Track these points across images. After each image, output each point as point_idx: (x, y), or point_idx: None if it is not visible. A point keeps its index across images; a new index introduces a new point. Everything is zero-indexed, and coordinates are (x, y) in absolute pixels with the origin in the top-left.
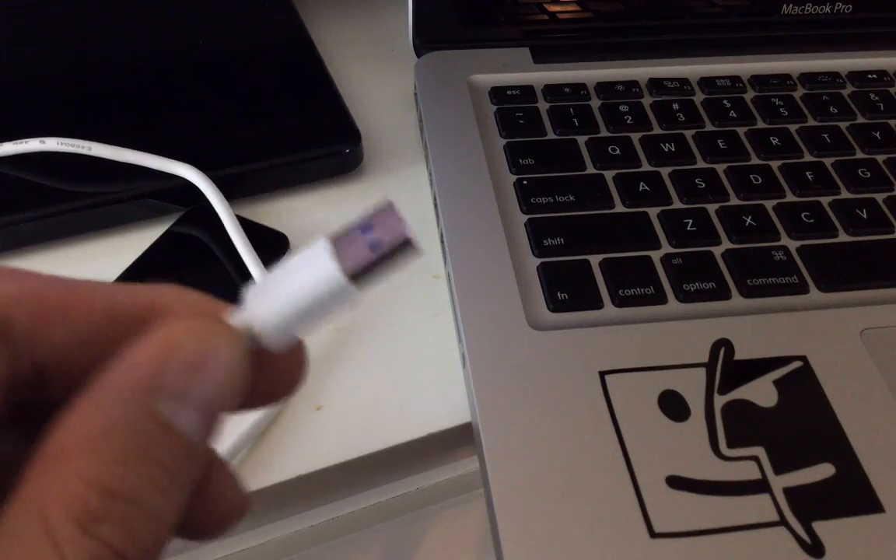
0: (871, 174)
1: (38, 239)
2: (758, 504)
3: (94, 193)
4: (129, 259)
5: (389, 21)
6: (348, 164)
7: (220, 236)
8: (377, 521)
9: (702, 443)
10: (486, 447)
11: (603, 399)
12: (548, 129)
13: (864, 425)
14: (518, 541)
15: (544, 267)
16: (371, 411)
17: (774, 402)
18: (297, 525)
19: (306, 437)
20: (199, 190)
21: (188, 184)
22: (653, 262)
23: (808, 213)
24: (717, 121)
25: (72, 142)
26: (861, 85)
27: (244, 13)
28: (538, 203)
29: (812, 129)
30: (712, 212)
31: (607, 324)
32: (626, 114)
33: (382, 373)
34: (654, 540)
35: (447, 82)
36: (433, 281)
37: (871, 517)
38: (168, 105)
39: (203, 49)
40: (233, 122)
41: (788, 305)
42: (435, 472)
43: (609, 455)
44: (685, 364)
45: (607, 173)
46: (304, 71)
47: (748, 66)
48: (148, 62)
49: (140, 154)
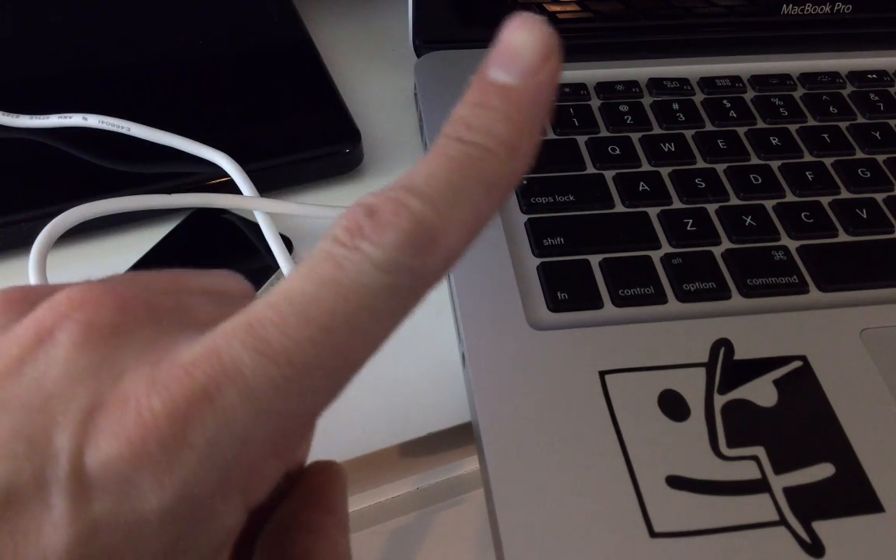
0: (871, 174)
1: None
2: (758, 504)
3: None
4: (131, 259)
5: (389, 21)
6: (348, 164)
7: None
8: (377, 521)
9: (702, 443)
10: (486, 447)
11: (603, 399)
12: (548, 129)
13: (864, 425)
14: (518, 541)
15: (544, 267)
16: (371, 411)
17: (774, 402)
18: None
19: None
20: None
21: (216, 173)
22: (653, 262)
23: (808, 213)
24: (717, 121)
25: (112, 121)
26: (861, 85)
27: (244, 13)
28: (538, 203)
29: (812, 129)
30: (712, 212)
31: (607, 324)
32: (626, 114)
33: (382, 373)
34: (654, 540)
35: (447, 82)
36: None
37: (871, 517)
38: (167, 105)
39: (202, 49)
40: (233, 121)
41: (788, 305)
42: (435, 472)
43: (609, 455)
44: (685, 364)
45: (607, 173)
46: (304, 71)
47: (748, 66)
48: (147, 62)
49: (177, 138)
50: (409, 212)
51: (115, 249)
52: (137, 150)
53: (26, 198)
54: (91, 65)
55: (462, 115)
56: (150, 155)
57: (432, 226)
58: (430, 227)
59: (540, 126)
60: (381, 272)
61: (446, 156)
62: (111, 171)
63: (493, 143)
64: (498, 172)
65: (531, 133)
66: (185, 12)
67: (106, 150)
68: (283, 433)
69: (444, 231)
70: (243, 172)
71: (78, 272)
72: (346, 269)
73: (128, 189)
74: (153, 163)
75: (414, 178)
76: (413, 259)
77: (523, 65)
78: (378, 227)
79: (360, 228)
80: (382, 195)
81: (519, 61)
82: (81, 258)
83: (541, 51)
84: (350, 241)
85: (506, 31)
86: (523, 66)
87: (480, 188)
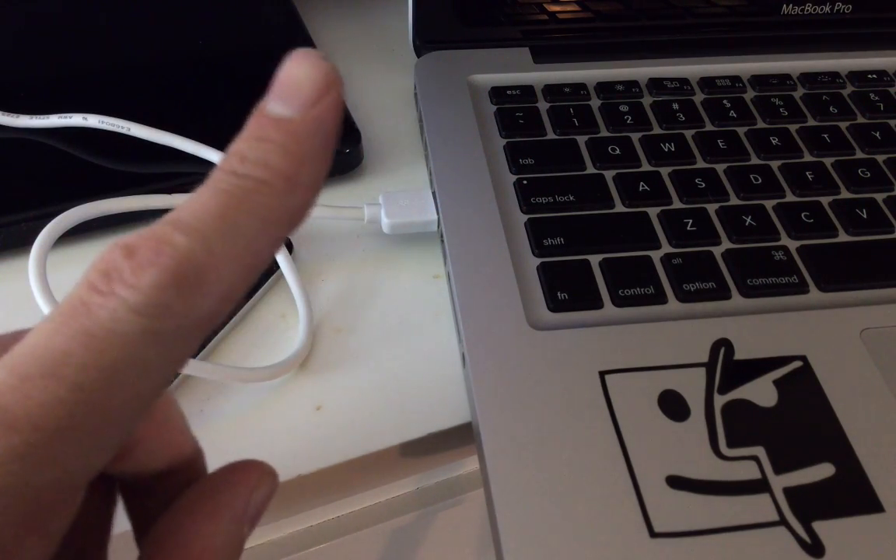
0: (871, 174)
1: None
2: (758, 504)
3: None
4: None
5: (389, 21)
6: (348, 164)
7: None
8: (377, 521)
9: (702, 443)
10: (486, 447)
11: (603, 399)
12: (548, 129)
13: (864, 425)
14: (518, 541)
15: (544, 267)
16: (371, 411)
17: (774, 402)
18: (297, 525)
19: (306, 437)
20: None
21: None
22: (653, 262)
23: (808, 213)
24: (717, 121)
25: (112, 121)
26: (861, 85)
27: (244, 13)
28: (538, 203)
29: (812, 129)
30: (712, 212)
31: (607, 324)
32: (626, 114)
33: (382, 373)
34: (654, 540)
35: (447, 82)
36: (433, 281)
37: (871, 517)
38: (167, 105)
39: (201, 49)
40: (233, 122)
41: (788, 305)
42: (435, 472)
43: (609, 455)
44: (685, 364)
45: (607, 173)
46: None
47: (748, 66)
48: (147, 62)
49: (177, 138)
50: (173, 248)
51: None
52: (137, 150)
53: (26, 198)
54: (91, 65)
55: (237, 149)
56: (150, 155)
57: (199, 262)
58: (197, 263)
59: (322, 159)
60: (140, 317)
61: (217, 190)
62: (111, 171)
63: (269, 174)
64: (275, 206)
65: (312, 164)
66: (184, 12)
67: (106, 150)
68: (38, 507)
69: (214, 267)
70: None
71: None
72: (100, 316)
73: (128, 189)
74: (153, 163)
75: (180, 213)
76: (177, 300)
77: (301, 97)
78: (137, 268)
79: (117, 270)
80: (143, 234)
81: (297, 94)
82: (81, 258)
83: (320, 83)
84: (105, 286)
85: (284, 66)
86: (301, 98)
87: (256, 222)
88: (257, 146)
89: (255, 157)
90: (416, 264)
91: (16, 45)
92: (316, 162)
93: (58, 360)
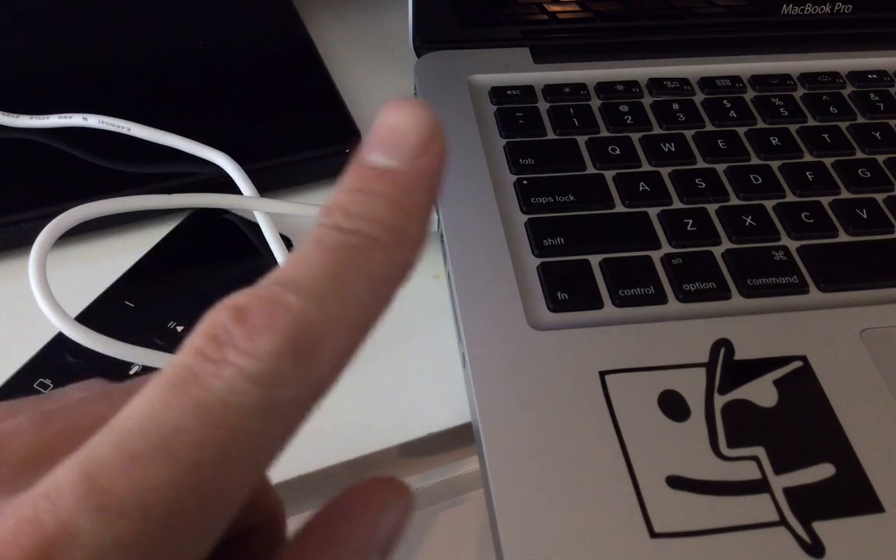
0: (871, 174)
1: None
2: (758, 504)
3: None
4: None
5: (389, 21)
6: (348, 164)
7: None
8: None
9: (702, 443)
10: (486, 447)
11: (603, 399)
12: (548, 129)
13: (864, 425)
14: (518, 541)
15: (544, 267)
16: (371, 411)
17: (774, 402)
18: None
19: (306, 437)
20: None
21: (216, 173)
22: (653, 262)
23: (808, 213)
24: (717, 121)
25: (112, 121)
26: (861, 85)
27: (244, 13)
28: (538, 203)
29: (812, 129)
30: (712, 212)
31: (607, 324)
32: (626, 114)
33: (382, 373)
34: (654, 540)
35: (447, 82)
36: (433, 281)
37: (871, 517)
38: (167, 105)
39: (202, 49)
40: (233, 121)
41: (788, 305)
42: (435, 472)
43: (609, 455)
44: (685, 364)
45: (607, 173)
46: (305, 71)
47: (748, 66)
48: (147, 62)
49: (177, 138)
50: (288, 311)
51: (115, 249)
52: (137, 150)
53: (26, 198)
54: (91, 65)
55: (339, 202)
56: (150, 155)
57: (316, 326)
58: (314, 327)
59: (429, 212)
60: (258, 387)
61: (324, 246)
62: (111, 171)
63: (377, 229)
64: (384, 262)
65: (420, 219)
66: (185, 12)
67: (106, 150)
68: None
69: (329, 332)
70: (243, 172)
71: (78, 272)
72: (214, 387)
73: (128, 189)
74: (153, 163)
75: (289, 272)
76: (295, 367)
77: (406, 147)
78: (251, 332)
79: (228, 334)
80: (253, 293)
81: (401, 144)
82: (81, 258)
83: (424, 132)
84: (216, 353)
85: (382, 114)
86: (406, 148)
87: (366, 280)
88: (362, 199)
89: (359, 211)
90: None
91: (16, 45)
92: (423, 215)
93: (170, 437)
